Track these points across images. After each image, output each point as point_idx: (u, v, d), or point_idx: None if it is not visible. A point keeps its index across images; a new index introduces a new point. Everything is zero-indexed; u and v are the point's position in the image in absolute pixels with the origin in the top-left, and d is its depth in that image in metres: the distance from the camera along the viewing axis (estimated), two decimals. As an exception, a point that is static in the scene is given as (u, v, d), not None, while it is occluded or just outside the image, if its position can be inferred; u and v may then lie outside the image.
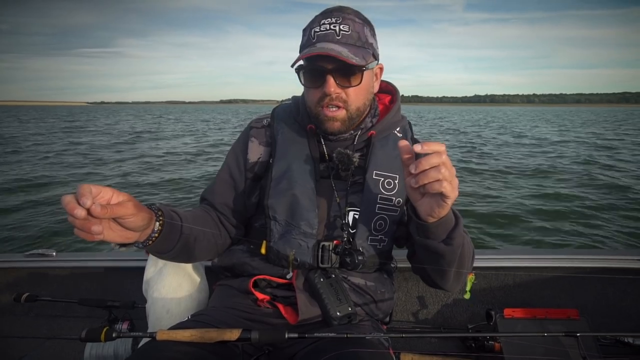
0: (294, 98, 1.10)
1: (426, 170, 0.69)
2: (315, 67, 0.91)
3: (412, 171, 0.70)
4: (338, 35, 0.91)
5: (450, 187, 0.71)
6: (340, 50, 0.88)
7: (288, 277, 0.98)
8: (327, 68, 0.90)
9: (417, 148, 0.69)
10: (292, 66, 0.95)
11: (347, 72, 0.91)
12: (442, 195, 0.72)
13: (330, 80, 0.90)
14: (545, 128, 24.14)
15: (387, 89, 1.12)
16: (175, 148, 12.51)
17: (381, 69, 1.03)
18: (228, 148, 1.13)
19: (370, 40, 0.96)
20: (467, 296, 1.01)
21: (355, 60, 0.89)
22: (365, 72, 0.94)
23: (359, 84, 0.93)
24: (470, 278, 1.04)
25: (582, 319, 1.34)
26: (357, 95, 0.95)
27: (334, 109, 0.93)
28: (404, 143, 0.73)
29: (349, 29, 0.92)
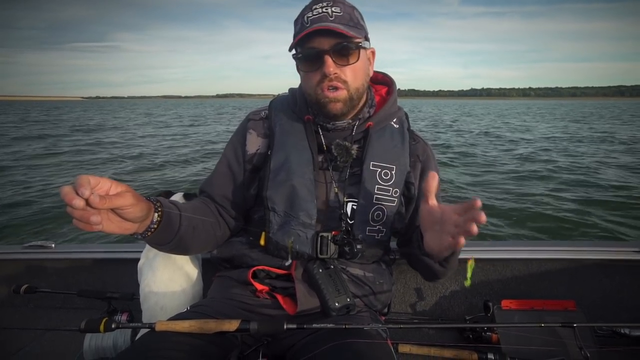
0: (291, 90, 1.09)
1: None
2: (312, 48, 0.91)
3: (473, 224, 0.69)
4: (331, 17, 0.91)
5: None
6: (337, 26, 0.89)
7: (287, 264, 0.99)
8: (323, 48, 0.90)
9: (478, 204, 0.69)
10: (290, 50, 0.95)
11: (345, 50, 0.91)
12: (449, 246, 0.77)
13: (329, 60, 0.90)
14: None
15: (384, 80, 1.12)
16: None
17: (373, 53, 1.03)
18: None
19: (361, 22, 0.97)
20: (467, 283, 1.01)
21: (351, 32, 0.89)
22: (361, 51, 0.94)
23: (356, 62, 0.93)
24: (470, 264, 1.04)
25: (579, 310, 1.35)
26: (356, 74, 0.95)
27: (334, 89, 0.93)
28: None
29: (340, 11, 0.92)
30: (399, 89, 1.12)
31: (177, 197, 1.32)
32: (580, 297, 1.45)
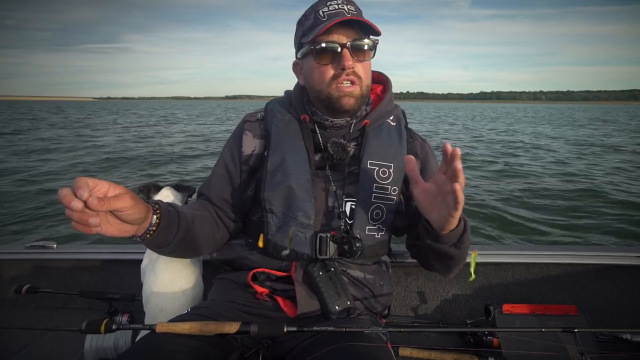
0: (287, 92, 1.10)
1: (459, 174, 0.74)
2: (331, 42, 0.92)
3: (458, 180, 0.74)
4: (348, 14, 0.92)
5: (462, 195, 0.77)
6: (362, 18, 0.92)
7: (284, 253, 0.96)
8: (342, 43, 0.92)
9: (457, 151, 0.74)
10: (306, 42, 0.95)
11: (361, 47, 0.94)
12: (454, 204, 0.77)
13: (347, 54, 0.92)
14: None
15: (379, 79, 1.12)
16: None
17: None
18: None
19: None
20: (471, 279, 1.01)
21: (376, 26, 0.92)
22: (375, 49, 0.97)
23: (370, 59, 0.97)
24: (474, 256, 1.04)
25: (581, 315, 1.34)
26: (367, 71, 0.97)
27: (349, 84, 0.94)
28: (452, 150, 0.75)
29: (355, 10, 0.94)
30: (407, 92, 1.12)
31: (167, 190, 1.33)
32: (581, 302, 1.45)
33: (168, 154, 10.26)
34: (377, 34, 0.95)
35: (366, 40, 0.94)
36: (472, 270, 1.02)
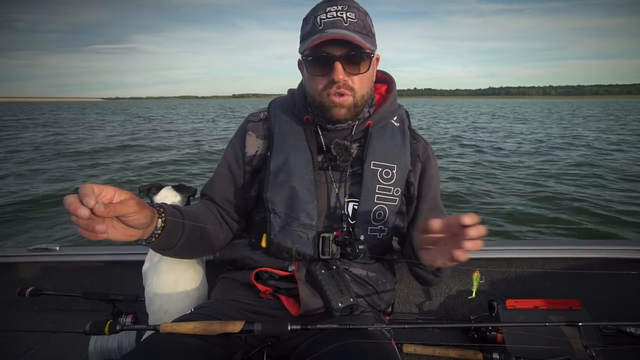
0: (290, 91, 1.09)
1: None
2: (323, 54, 0.90)
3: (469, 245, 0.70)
4: (346, 23, 0.90)
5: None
6: (354, 36, 0.88)
7: (290, 269, 0.99)
8: (335, 55, 0.89)
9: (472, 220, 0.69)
10: (302, 52, 0.94)
11: (355, 59, 0.91)
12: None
13: (339, 67, 0.89)
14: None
15: (383, 78, 1.12)
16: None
17: (378, 59, 1.02)
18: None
19: (373, 29, 0.96)
20: (472, 297, 1.02)
21: (366, 44, 0.89)
22: (371, 60, 0.94)
23: (366, 71, 0.93)
24: (476, 277, 1.04)
25: (584, 309, 1.34)
26: (363, 83, 0.94)
27: (341, 95, 0.92)
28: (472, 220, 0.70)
29: (355, 17, 0.91)
30: (415, 89, 1.12)
31: (167, 190, 1.33)
32: (585, 296, 1.45)
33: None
34: (369, 48, 0.91)
35: (361, 54, 0.90)
36: (473, 290, 1.02)
